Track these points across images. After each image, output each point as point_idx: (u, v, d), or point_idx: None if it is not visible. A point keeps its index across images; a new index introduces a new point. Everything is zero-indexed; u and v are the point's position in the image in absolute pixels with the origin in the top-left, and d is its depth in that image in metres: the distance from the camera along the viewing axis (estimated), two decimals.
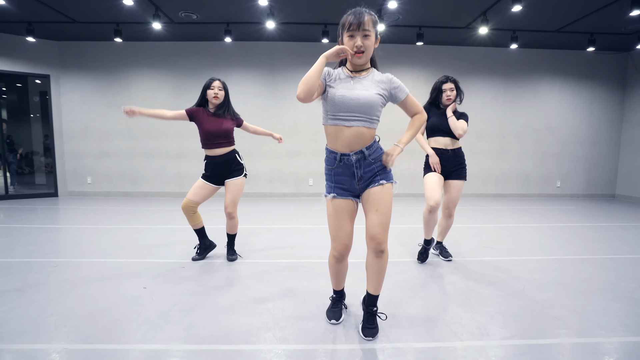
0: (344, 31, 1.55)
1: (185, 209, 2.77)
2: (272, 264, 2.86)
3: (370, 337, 1.71)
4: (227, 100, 2.77)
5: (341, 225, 1.68)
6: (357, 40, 1.53)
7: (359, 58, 1.56)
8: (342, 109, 1.57)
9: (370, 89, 1.58)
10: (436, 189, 2.69)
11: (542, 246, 3.44)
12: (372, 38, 1.56)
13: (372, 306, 1.75)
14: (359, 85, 1.59)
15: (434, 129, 2.80)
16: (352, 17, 1.52)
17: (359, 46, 1.53)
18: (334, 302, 1.94)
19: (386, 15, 5.09)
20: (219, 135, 2.70)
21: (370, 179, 1.65)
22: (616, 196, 7.14)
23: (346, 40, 1.55)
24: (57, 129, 6.67)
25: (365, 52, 1.55)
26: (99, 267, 2.74)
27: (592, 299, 2.21)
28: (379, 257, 1.65)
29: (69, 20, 5.48)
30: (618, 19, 5.24)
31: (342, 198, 1.67)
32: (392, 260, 2.94)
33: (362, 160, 1.62)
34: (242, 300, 2.15)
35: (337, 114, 1.59)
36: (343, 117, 1.58)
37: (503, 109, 6.90)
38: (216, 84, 2.71)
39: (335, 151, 1.64)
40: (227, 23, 5.51)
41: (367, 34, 1.53)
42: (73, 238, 3.63)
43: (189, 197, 2.76)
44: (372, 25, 1.54)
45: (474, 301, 2.17)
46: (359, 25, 1.51)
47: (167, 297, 2.18)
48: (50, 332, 1.76)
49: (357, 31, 1.52)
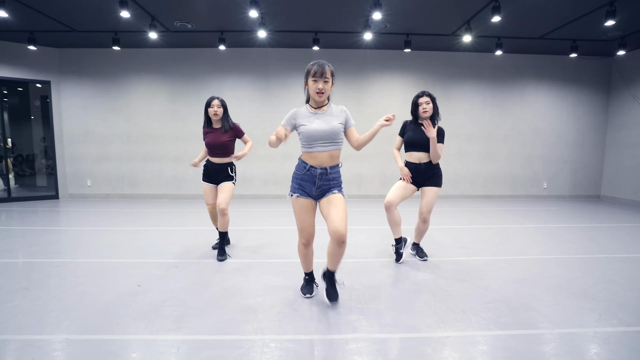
0: (309, 76, 2.05)
1: (213, 212, 3.29)
2: (259, 263, 3.07)
3: (334, 300, 2.21)
4: (226, 115, 3.17)
5: (305, 218, 2.15)
6: (319, 84, 2.03)
7: (319, 97, 2.06)
8: (314, 139, 2.05)
9: (332, 121, 2.08)
10: (396, 191, 2.94)
11: (516, 246, 3.64)
12: (330, 83, 2.06)
13: (332, 277, 2.22)
14: (322, 120, 2.07)
15: (411, 143, 2.97)
16: (317, 67, 2.02)
17: (321, 88, 2.03)
18: (306, 282, 2.41)
19: (373, 24, 5.30)
20: (216, 147, 3.14)
21: (325, 190, 2.13)
22: (601, 197, 7.34)
23: (311, 82, 2.05)
24: (58, 133, 6.89)
25: (324, 93, 2.05)
26: (98, 266, 2.95)
27: (547, 294, 2.41)
28: (341, 246, 2.06)
29: (69, 30, 5.69)
30: (598, 27, 5.43)
31: (303, 197, 2.13)
32: (370, 261, 3.15)
33: (324, 175, 2.11)
34: (227, 296, 2.36)
35: (311, 144, 2.07)
36: (318, 145, 2.06)
37: (491, 113, 7.10)
38: (215, 102, 3.09)
39: (307, 163, 2.12)
40: (222, 31, 5.71)
41: (326, 80, 2.04)
42: (73, 239, 3.84)
43: (208, 202, 3.28)
44: (330, 75, 2.05)
45: (439, 297, 2.38)
46: (322, 74, 2.02)
47: (159, 294, 2.39)
48: (52, 324, 1.97)
49: (320, 78, 2.03)
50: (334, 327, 1.97)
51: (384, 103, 6.95)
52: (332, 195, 2.10)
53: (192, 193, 7.03)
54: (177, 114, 6.93)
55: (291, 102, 6.86)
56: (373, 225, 4.62)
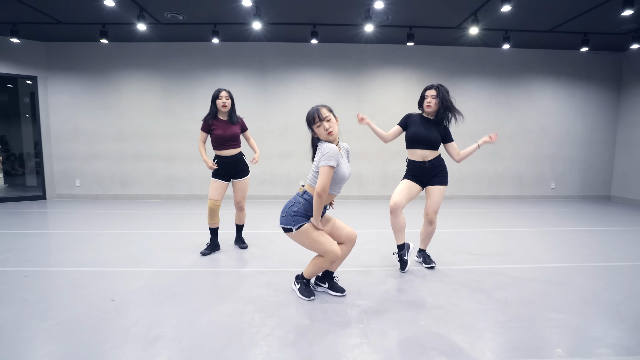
0: (313, 125, 2.10)
1: (214, 209, 3.14)
2: (252, 272, 2.79)
3: (340, 292, 2.36)
4: (233, 106, 3.18)
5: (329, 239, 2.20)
6: (324, 125, 2.06)
7: (331, 136, 2.08)
8: (343, 181, 2.23)
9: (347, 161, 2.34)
10: (402, 192, 2.66)
11: (529, 252, 3.36)
12: (332, 119, 2.09)
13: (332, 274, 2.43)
14: (345, 160, 2.25)
15: (413, 139, 2.71)
16: (312, 114, 2.09)
17: (327, 128, 2.06)
18: (306, 285, 2.35)
19: (375, 15, 5.01)
20: (228, 139, 3.12)
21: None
22: (611, 198, 7.06)
23: (317, 130, 2.10)
24: (45, 131, 6.60)
25: (332, 130, 2.07)
26: (72, 276, 2.67)
27: (574, 312, 2.13)
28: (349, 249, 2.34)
29: (54, 22, 5.39)
30: (611, 19, 5.15)
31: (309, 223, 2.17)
32: (372, 269, 2.87)
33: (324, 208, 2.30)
34: (212, 313, 2.07)
35: (338, 185, 2.21)
36: (340, 187, 2.26)
37: (496, 110, 6.82)
38: (223, 94, 3.08)
39: (326, 206, 2.33)
40: (215, 24, 5.42)
41: (328, 119, 2.07)
42: (52, 245, 3.56)
43: (212, 197, 3.14)
44: (328, 111, 2.10)
45: (450, 314, 2.10)
46: (320, 117, 2.07)
47: (134, 310, 2.11)
48: (2, 349, 1.68)
49: (321, 121, 2.07)
50: (333, 356, 1.69)
51: (385, 100, 6.67)
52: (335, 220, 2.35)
53: (186, 194, 6.74)
54: (170, 111, 6.63)
55: (288, 99, 6.58)
56: (375, 228, 4.33)
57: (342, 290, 2.37)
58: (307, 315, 2.07)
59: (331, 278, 2.43)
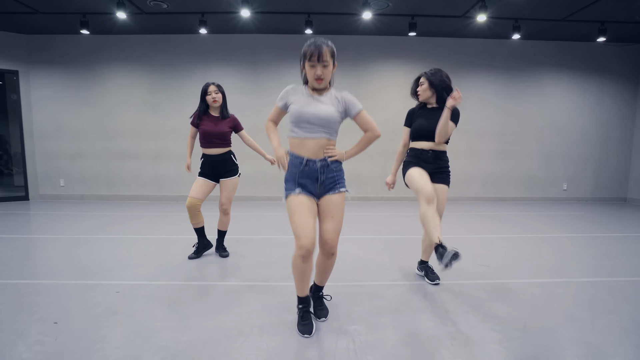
0: (305, 60, 1.72)
1: (191, 208, 2.90)
2: (237, 287, 2.42)
3: (323, 317, 1.96)
4: (225, 101, 2.96)
5: (307, 219, 1.70)
6: (317, 70, 1.70)
7: (318, 84, 1.74)
8: (303, 121, 1.74)
9: (329, 106, 1.75)
10: (425, 179, 2.29)
11: (546, 264, 2.96)
12: (330, 67, 1.73)
13: (318, 292, 2.02)
14: (319, 102, 1.76)
15: (418, 133, 2.41)
16: (313, 48, 1.68)
17: (319, 74, 1.71)
18: (302, 313, 1.85)
19: (373, 2, 4.62)
20: (214, 136, 2.89)
21: (330, 185, 1.80)
22: (628, 200, 6.62)
23: (307, 67, 1.72)
24: (28, 129, 6.27)
25: (324, 79, 1.73)
26: (25, 290, 2.31)
27: (610, 343, 1.74)
28: (330, 258, 1.83)
29: (31, 11, 5.05)
30: (631, 6, 4.72)
31: (305, 194, 1.76)
32: (370, 284, 2.49)
33: (326, 167, 1.79)
34: (181, 341, 1.70)
35: (300, 124, 1.75)
36: (305, 129, 1.75)
37: (504, 106, 6.40)
38: (212, 88, 2.87)
39: (301, 156, 1.78)
40: (202, 13, 5.05)
41: (325, 64, 1.70)
42: (22, 252, 3.21)
43: (192, 195, 2.89)
44: (329, 56, 1.71)
45: (458, 342, 1.71)
46: (319, 57, 1.68)
47: (76, 340, 1.74)
48: None
49: (318, 62, 1.69)
50: None
51: (386, 95, 6.27)
52: (334, 195, 1.80)
53: (175, 194, 6.39)
54: (158, 107, 6.28)
55: None
56: (374, 234, 3.95)
57: (321, 315, 1.97)
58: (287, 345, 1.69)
59: (319, 296, 2.01)
